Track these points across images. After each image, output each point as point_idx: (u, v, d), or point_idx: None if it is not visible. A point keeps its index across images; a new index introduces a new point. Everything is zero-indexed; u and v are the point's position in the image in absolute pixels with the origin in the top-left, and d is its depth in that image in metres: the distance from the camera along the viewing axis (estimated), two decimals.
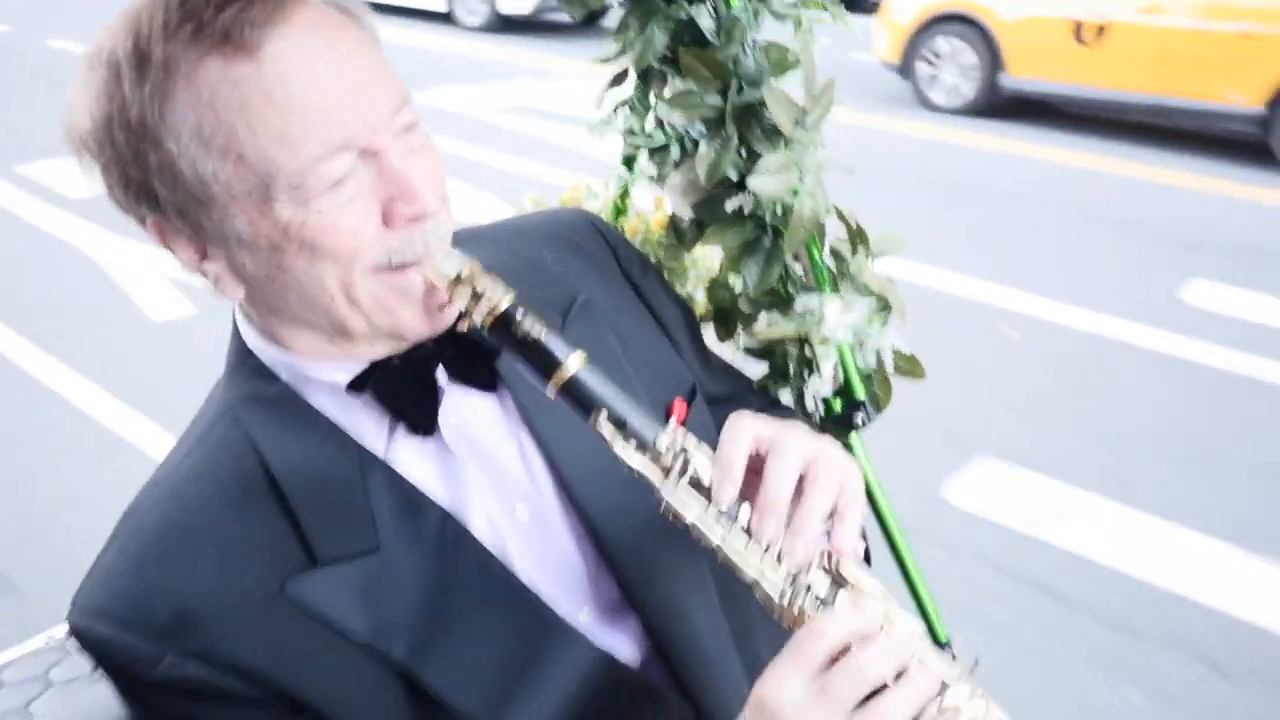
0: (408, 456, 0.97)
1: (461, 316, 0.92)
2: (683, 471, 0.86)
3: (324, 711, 0.89)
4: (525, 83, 10.10)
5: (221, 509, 0.92)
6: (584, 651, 0.98)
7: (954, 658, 0.85)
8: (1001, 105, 8.66)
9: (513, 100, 9.38)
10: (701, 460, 0.87)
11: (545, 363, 0.88)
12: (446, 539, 0.95)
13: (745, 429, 0.87)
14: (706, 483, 0.86)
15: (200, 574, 0.89)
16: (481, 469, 0.99)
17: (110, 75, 0.85)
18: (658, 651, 1.02)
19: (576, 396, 0.88)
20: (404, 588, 0.92)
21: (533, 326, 0.89)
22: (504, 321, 0.89)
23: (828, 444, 0.89)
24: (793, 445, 0.86)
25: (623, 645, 1.02)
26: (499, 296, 0.89)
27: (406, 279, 0.91)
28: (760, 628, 1.06)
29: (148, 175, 0.86)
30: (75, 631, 0.90)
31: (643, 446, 0.88)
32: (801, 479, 0.86)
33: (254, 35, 0.82)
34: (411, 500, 0.95)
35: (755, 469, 0.86)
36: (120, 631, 0.88)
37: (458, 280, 0.90)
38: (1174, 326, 4.95)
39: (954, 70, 8.78)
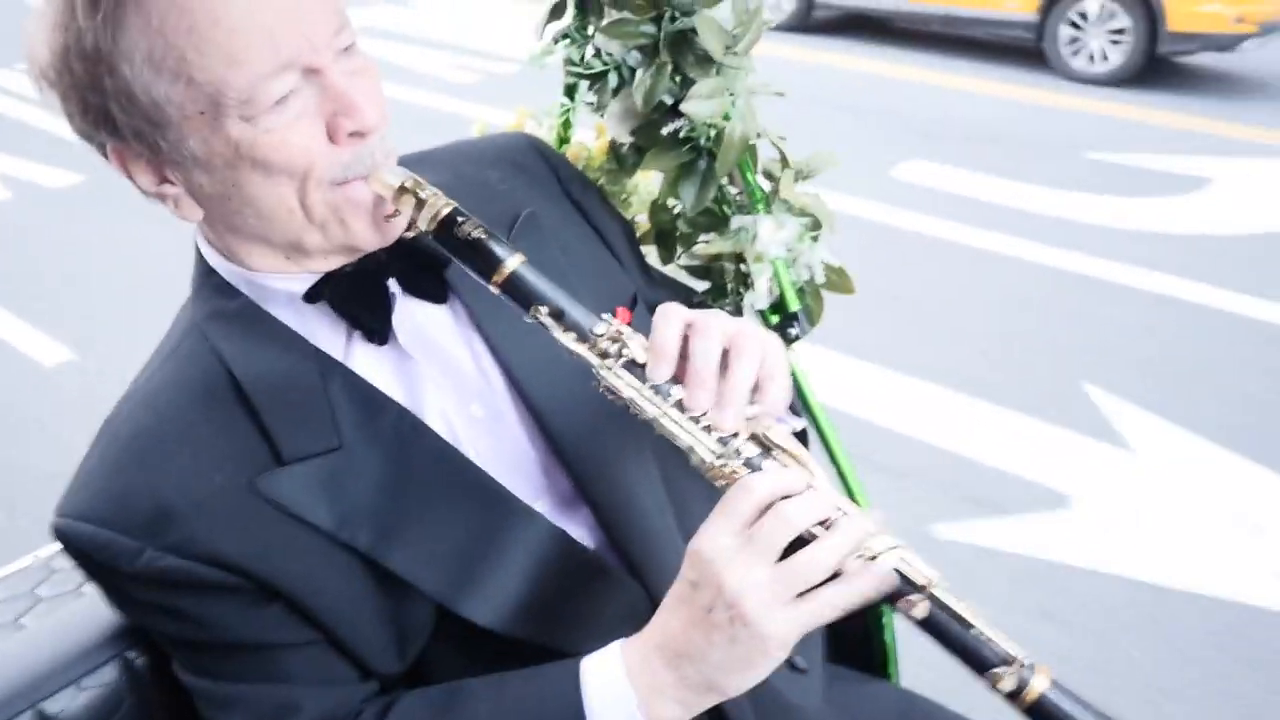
0: (365, 361, 1.03)
1: (409, 229, 0.98)
2: (619, 355, 0.93)
3: (297, 597, 0.96)
4: (380, 5, 10.08)
5: (192, 414, 0.98)
6: (542, 530, 1.04)
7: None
8: (820, 22, 9.77)
9: (367, 23, 9.34)
10: (636, 345, 0.93)
11: (487, 262, 0.94)
12: (404, 434, 1.01)
13: (674, 313, 0.94)
14: (642, 363, 0.93)
15: (174, 473, 0.95)
16: (437, 371, 1.05)
17: (65, 6, 0.89)
18: (609, 537, 1.09)
19: (517, 292, 0.94)
20: (366, 481, 0.98)
21: (473, 229, 0.95)
22: (447, 226, 0.95)
23: (747, 322, 0.96)
24: (715, 323, 0.93)
25: (578, 533, 1.08)
26: (440, 203, 0.95)
27: (355, 191, 0.96)
28: (699, 503, 1.14)
29: (105, 100, 0.91)
30: (59, 533, 0.96)
31: (581, 335, 0.94)
32: (726, 354, 0.92)
33: None
34: (370, 399, 1.01)
35: (685, 354, 0.93)
36: (100, 529, 0.93)
37: (402, 190, 0.96)
38: (884, 199, 5.84)
39: None
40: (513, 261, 0.94)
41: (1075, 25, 8.34)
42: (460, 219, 0.95)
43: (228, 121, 0.90)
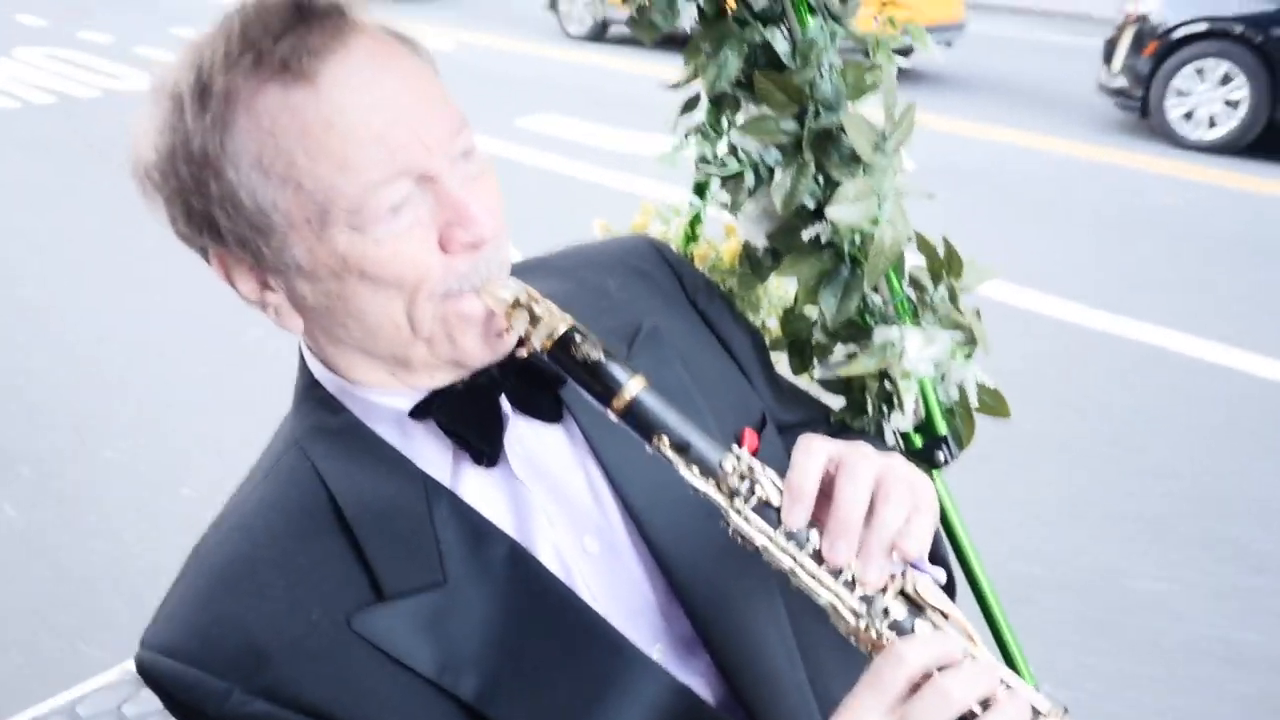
0: (474, 486, 0.96)
1: (521, 344, 0.91)
2: (750, 494, 0.83)
3: None
4: None
5: (289, 541, 0.92)
6: (661, 684, 0.94)
7: (1062, 710, 0.80)
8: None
9: None
10: (769, 483, 0.84)
11: (606, 386, 0.87)
12: (515, 570, 0.93)
13: (816, 448, 0.83)
14: (776, 505, 0.83)
15: (267, 608, 0.89)
16: (549, 499, 0.98)
17: (174, 107, 0.86)
18: (732, 688, 0.98)
19: (638, 420, 0.86)
20: (472, 621, 0.91)
21: (592, 350, 0.87)
22: (563, 345, 0.88)
23: (896, 458, 0.85)
24: (863, 463, 0.82)
25: (697, 684, 0.98)
26: (557, 320, 0.88)
27: (466, 305, 0.90)
28: (836, 662, 1.02)
29: (210, 205, 0.87)
30: (141, 668, 0.90)
31: (707, 470, 0.85)
32: (874, 497, 0.82)
33: (312, 63, 0.83)
34: (479, 530, 0.93)
35: (827, 491, 0.83)
36: (187, 668, 0.87)
37: (515, 305, 0.89)
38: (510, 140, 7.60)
39: None
40: (633, 386, 0.86)
41: None
42: (578, 338, 0.88)
43: (336, 231, 0.85)
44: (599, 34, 12.14)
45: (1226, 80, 7.48)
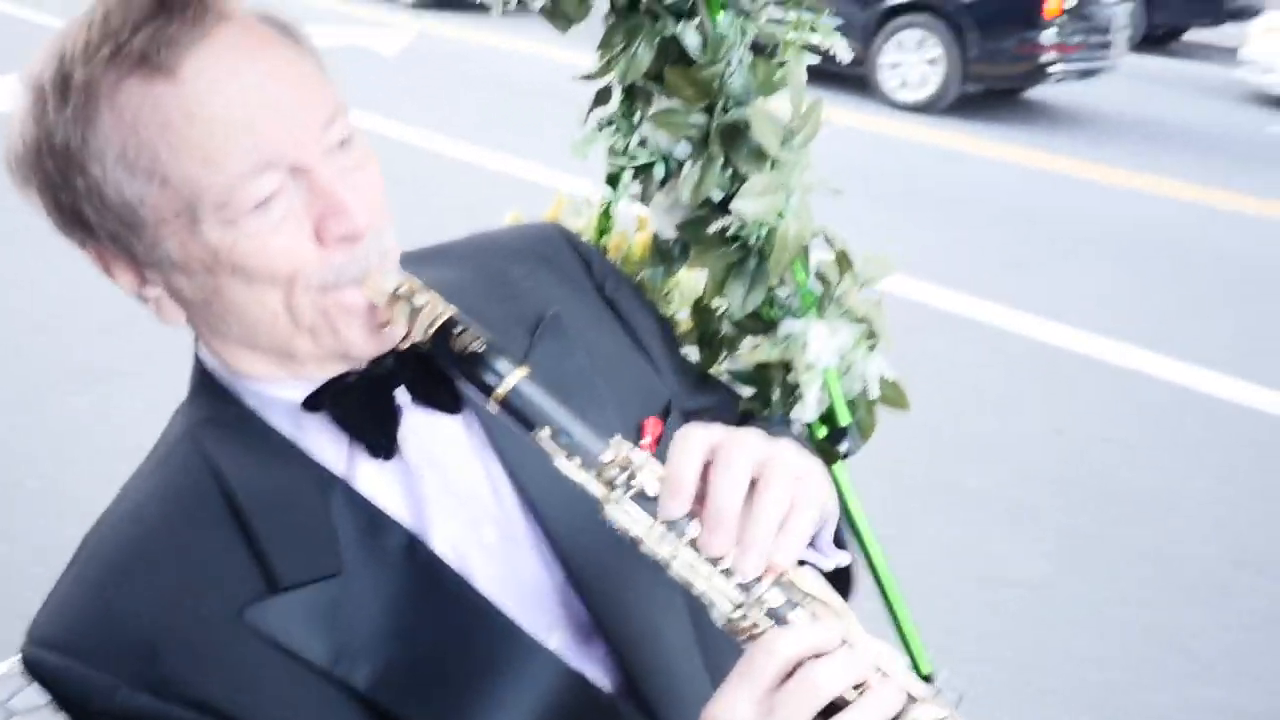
0: (369, 477, 0.95)
1: (406, 338, 0.90)
2: (629, 485, 0.82)
3: None
4: None
5: (180, 533, 0.90)
6: (554, 672, 0.94)
7: (938, 692, 0.80)
8: None
9: None
10: (649, 475, 0.82)
11: (484, 377, 0.85)
12: (410, 560, 0.92)
13: (694, 438, 0.81)
14: (654, 496, 0.82)
15: (156, 600, 0.87)
16: (446, 491, 0.97)
17: (37, 99, 0.83)
18: (627, 678, 0.99)
19: (518, 411, 0.85)
20: (367, 611, 0.90)
21: (471, 340, 0.86)
22: (442, 335, 0.86)
23: (783, 445, 0.83)
24: (739, 451, 0.80)
25: (595, 672, 0.98)
26: (438, 310, 0.87)
27: (348, 297, 0.89)
28: (737, 653, 1.04)
29: (77, 200, 0.85)
30: (27, 663, 0.88)
31: (587, 460, 0.84)
32: (755, 486, 0.80)
33: (172, 55, 0.81)
34: (374, 521, 0.92)
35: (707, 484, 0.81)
36: (72, 662, 0.85)
37: (396, 296, 0.87)
38: None
39: None
40: (512, 378, 0.85)
41: None
42: (456, 329, 0.86)
43: (205, 225, 0.83)
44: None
45: None
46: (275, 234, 0.84)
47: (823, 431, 1.34)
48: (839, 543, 1.07)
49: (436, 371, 0.96)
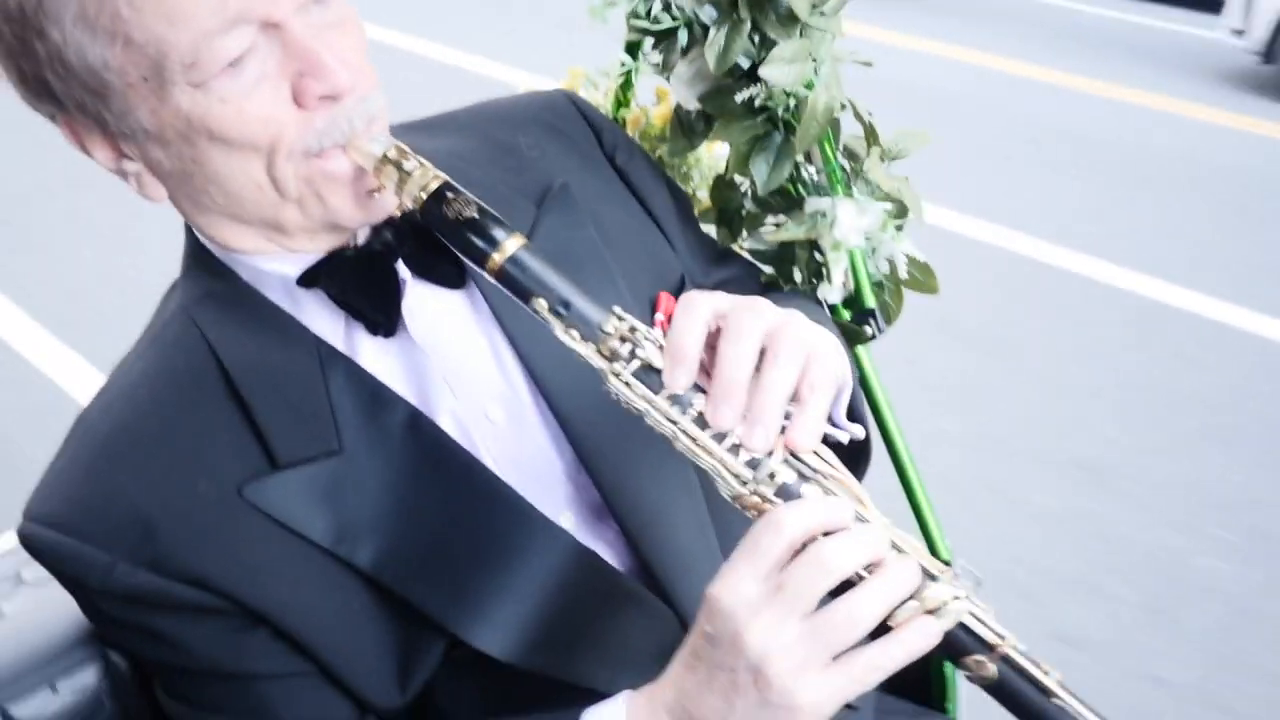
0: (370, 352, 0.92)
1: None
2: (631, 357, 0.78)
3: (287, 622, 0.85)
4: None
5: (175, 410, 0.87)
6: (565, 548, 0.92)
7: (955, 577, 0.77)
8: None
9: None
10: (652, 347, 0.79)
11: (479, 245, 0.81)
12: (414, 437, 0.90)
13: (698, 305, 0.77)
14: (658, 368, 0.78)
15: (153, 478, 0.85)
16: (450, 367, 0.94)
17: None
18: (638, 555, 0.97)
19: (515, 281, 0.81)
20: (369, 489, 0.87)
21: (465, 207, 0.81)
22: (435, 202, 0.82)
23: (795, 315, 0.79)
24: (749, 319, 0.76)
25: (606, 551, 0.97)
26: (429, 177, 0.82)
27: (332, 163, 0.84)
28: (745, 524, 1.02)
29: (40, 68, 0.80)
30: (23, 539, 0.86)
31: (587, 332, 0.80)
32: (763, 357, 0.76)
33: None
34: (376, 396, 0.90)
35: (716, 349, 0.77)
36: (69, 539, 0.84)
37: (385, 161, 0.83)
38: None
39: None
40: (509, 245, 0.80)
41: None
42: (450, 195, 0.82)
43: (175, 89, 0.78)
44: None
45: None
46: (250, 97, 0.79)
47: (846, 314, 1.30)
48: (854, 417, 1.03)
49: (438, 244, 0.91)
